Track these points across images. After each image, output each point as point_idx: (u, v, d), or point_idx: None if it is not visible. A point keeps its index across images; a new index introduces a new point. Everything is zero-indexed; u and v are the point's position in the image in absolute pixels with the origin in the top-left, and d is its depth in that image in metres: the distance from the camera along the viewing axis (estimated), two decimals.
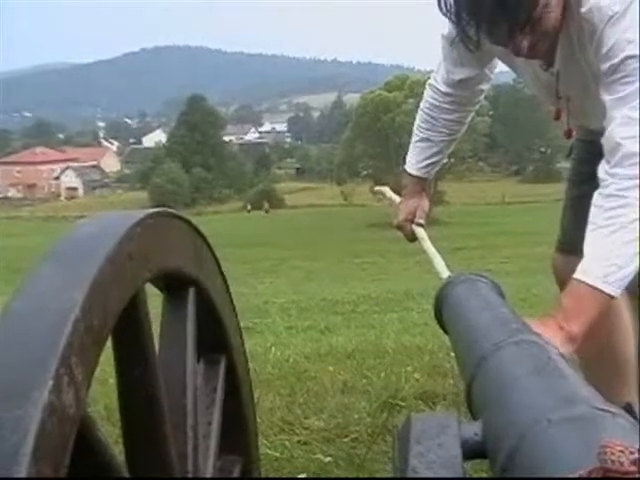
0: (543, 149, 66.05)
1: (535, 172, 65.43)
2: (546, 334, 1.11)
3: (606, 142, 1.54)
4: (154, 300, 0.89)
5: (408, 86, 41.43)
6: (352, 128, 45.77)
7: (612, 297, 1.48)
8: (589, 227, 1.52)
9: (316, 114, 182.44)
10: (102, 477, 0.69)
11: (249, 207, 53.86)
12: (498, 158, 70.87)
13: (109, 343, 0.75)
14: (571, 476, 0.55)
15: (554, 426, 0.64)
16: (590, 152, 1.93)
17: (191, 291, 0.96)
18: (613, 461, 0.51)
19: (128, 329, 0.75)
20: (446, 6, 1.56)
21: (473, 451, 0.76)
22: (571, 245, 1.99)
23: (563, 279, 1.98)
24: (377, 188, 2.59)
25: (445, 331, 1.42)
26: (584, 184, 1.97)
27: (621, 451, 0.52)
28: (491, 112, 43.15)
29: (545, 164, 64.16)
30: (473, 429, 0.78)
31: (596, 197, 1.54)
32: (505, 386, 0.83)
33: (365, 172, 45.03)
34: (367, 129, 43.53)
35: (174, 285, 0.94)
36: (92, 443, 0.67)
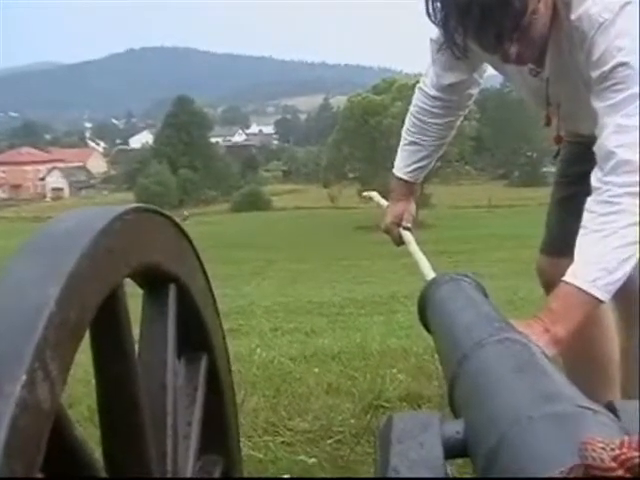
0: (529, 153, 66.36)
1: (521, 176, 65.63)
2: (531, 336, 1.10)
3: (599, 150, 1.54)
4: (134, 299, 0.87)
5: (396, 89, 41.48)
6: (339, 131, 45.74)
7: (600, 301, 1.48)
8: (581, 231, 1.52)
9: (303, 116, 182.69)
10: (78, 476, 0.68)
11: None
12: (485, 162, 71.01)
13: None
14: (553, 474, 0.55)
15: (535, 423, 0.64)
16: (577, 153, 1.94)
17: (172, 288, 0.95)
18: (594, 457, 0.51)
19: (106, 324, 0.73)
20: (434, 13, 1.55)
21: (455, 450, 0.76)
22: (556, 247, 2.00)
23: (547, 281, 1.98)
24: (365, 193, 2.60)
25: (428, 331, 1.42)
26: (570, 185, 1.98)
27: (602, 448, 0.52)
28: (478, 115, 43.24)
29: (531, 168, 64.43)
30: (455, 427, 0.77)
31: (589, 203, 1.54)
32: (487, 384, 0.82)
33: (352, 175, 45.05)
34: (354, 132, 43.52)
35: (154, 281, 0.93)
36: (68, 441, 0.66)
